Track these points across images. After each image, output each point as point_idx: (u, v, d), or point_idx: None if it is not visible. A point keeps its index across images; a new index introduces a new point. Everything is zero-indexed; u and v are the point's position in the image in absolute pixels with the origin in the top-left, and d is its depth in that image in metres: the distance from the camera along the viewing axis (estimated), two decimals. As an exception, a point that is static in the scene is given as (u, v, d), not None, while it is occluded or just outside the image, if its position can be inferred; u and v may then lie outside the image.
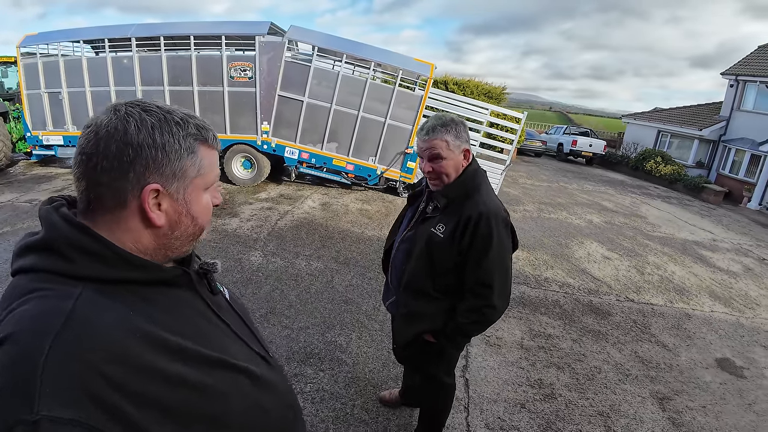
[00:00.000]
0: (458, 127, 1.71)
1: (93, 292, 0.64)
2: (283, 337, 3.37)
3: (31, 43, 7.66)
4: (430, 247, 1.74)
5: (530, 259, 5.77)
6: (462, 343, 1.92)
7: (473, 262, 1.68)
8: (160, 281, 0.73)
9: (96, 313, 0.62)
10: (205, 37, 7.21)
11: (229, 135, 7.64)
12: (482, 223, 1.64)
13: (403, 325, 1.94)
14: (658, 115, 19.44)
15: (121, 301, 0.66)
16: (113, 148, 0.67)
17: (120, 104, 0.71)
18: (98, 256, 0.67)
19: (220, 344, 0.77)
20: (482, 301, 1.70)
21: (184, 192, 0.75)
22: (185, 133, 0.74)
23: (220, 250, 4.96)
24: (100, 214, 0.70)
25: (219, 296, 0.88)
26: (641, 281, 5.50)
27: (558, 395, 3.06)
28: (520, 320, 4.07)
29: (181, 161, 0.73)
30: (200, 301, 0.80)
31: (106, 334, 0.61)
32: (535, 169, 14.79)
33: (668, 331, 4.28)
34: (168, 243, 0.76)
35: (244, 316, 0.93)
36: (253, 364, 0.80)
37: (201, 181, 0.77)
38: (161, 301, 0.72)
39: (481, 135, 8.58)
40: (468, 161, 1.77)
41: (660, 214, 10.02)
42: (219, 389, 0.70)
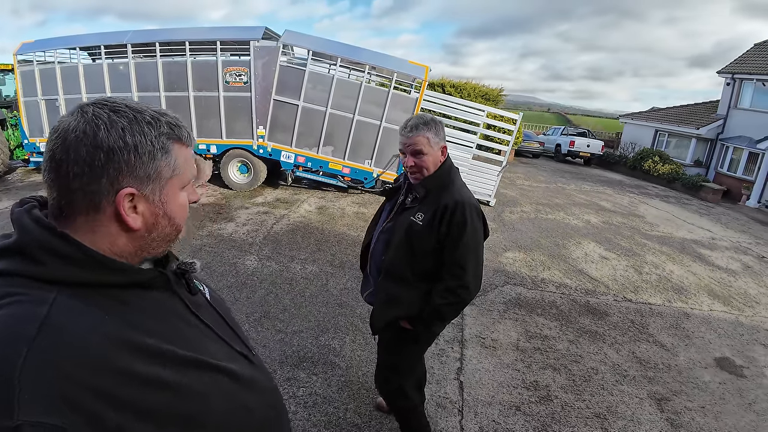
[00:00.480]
0: (437, 125, 1.88)
1: (67, 297, 0.63)
2: (277, 341, 3.34)
3: (28, 51, 7.68)
4: (410, 234, 1.87)
5: (527, 260, 5.75)
6: (436, 329, 2.02)
7: (450, 246, 1.82)
8: (135, 284, 0.72)
9: (71, 319, 0.61)
10: (200, 43, 7.23)
11: (225, 140, 7.63)
12: (458, 211, 1.80)
13: (380, 309, 2.01)
14: (655, 114, 19.46)
15: (97, 305, 0.65)
16: (83, 153, 0.65)
17: (87, 105, 0.69)
18: (71, 260, 0.65)
19: (198, 345, 0.76)
20: (457, 281, 1.83)
21: (160, 193, 0.73)
22: (157, 133, 0.72)
23: (215, 254, 4.94)
24: (74, 219, 0.69)
25: (198, 296, 0.87)
26: (639, 281, 5.47)
27: (554, 397, 3.03)
28: (516, 321, 4.04)
29: (155, 162, 0.71)
30: (178, 302, 0.79)
31: (81, 340, 0.60)
32: (533, 170, 14.78)
33: (666, 330, 4.25)
34: (145, 245, 0.75)
35: (225, 315, 0.91)
36: (233, 364, 0.79)
37: (177, 181, 0.76)
38: (137, 304, 0.71)
39: (478, 137, 8.57)
40: (444, 157, 1.93)
41: (658, 213, 9.99)
42: (198, 390, 0.69)
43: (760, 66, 14.74)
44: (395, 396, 2.17)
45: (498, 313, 4.17)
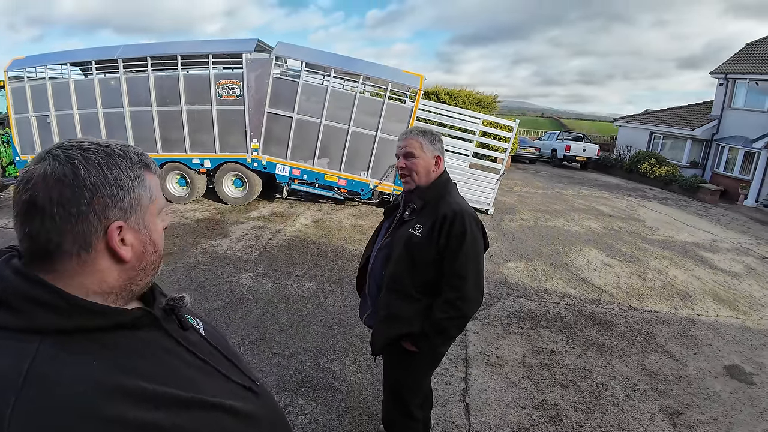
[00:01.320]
0: (433, 136, 1.90)
1: (50, 346, 0.62)
2: (274, 365, 3.22)
3: (19, 67, 7.61)
4: (410, 247, 1.84)
5: (529, 270, 5.65)
6: (440, 346, 1.93)
7: (450, 256, 1.79)
8: (120, 325, 0.70)
9: (56, 368, 0.60)
10: (192, 56, 7.16)
11: (219, 154, 7.55)
12: (457, 221, 1.77)
13: (381, 328, 1.95)
14: (649, 117, 19.52)
15: (82, 352, 0.64)
16: (68, 194, 0.65)
17: (54, 149, 0.69)
18: (53, 307, 0.64)
19: (194, 383, 0.73)
20: (456, 292, 1.78)
21: (143, 221, 0.75)
22: (130, 164, 0.73)
23: (210, 273, 4.82)
24: (60, 262, 0.68)
25: (191, 331, 0.84)
26: (643, 288, 5.37)
27: (564, 416, 2.91)
28: (521, 336, 3.93)
29: (135, 192, 0.73)
30: (169, 340, 0.76)
31: (68, 389, 0.59)
32: (530, 176, 14.74)
33: (674, 339, 4.14)
34: (134, 276, 0.75)
35: (222, 348, 0.88)
36: (233, 399, 0.77)
37: (154, 207, 0.78)
38: (125, 346, 0.69)
39: (474, 145, 8.50)
40: (440, 168, 1.92)
41: (657, 216, 9.94)
42: (195, 430, 0.67)
43: (752, 66, 14.82)
44: (401, 423, 2.07)
45: (502, 328, 4.06)
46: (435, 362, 2.08)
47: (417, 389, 2.05)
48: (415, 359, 1.92)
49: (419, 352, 1.88)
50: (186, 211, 7.40)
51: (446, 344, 1.96)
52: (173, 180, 7.88)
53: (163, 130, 7.49)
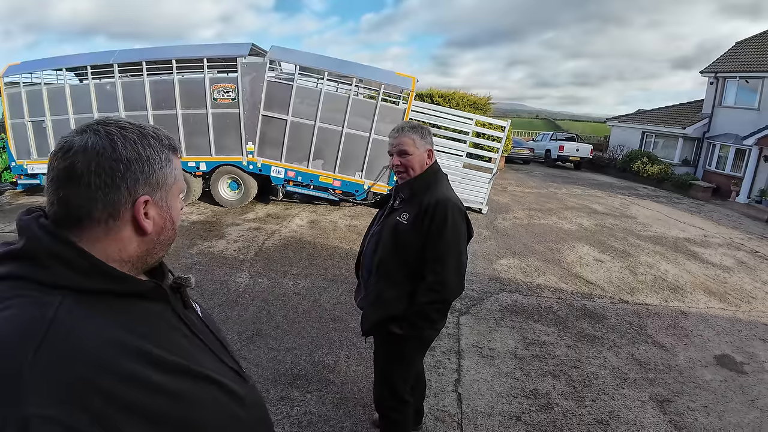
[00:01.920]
0: (423, 130, 1.97)
1: (72, 302, 0.66)
2: (270, 360, 3.26)
3: (14, 73, 7.65)
4: (396, 234, 1.91)
5: (522, 266, 5.71)
6: (424, 331, 1.95)
7: (431, 242, 1.85)
8: (136, 293, 0.75)
9: (78, 322, 0.64)
10: (187, 61, 7.22)
11: (214, 157, 7.59)
12: (439, 208, 1.84)
13: (368, 309, 2.04)
14: (641, 116, 19.69)
15: (100, 311, 0.68)
16: (106, 165, 0.71)
17: (95, 124, 0.74)
18: (77, 267, 0.69)
19: (194, 356, 0.78)
20: (436, 276, 1.84)
21: (166, 198, 0.81)
22: (161, 145, 0.79)
23: (206, 272, 4.86)
24: (88, 228, 0.72)
25: (191, 311, 0.89)
26: (635, 282, 5.45)
27: (555, 405, 2.97)
28: (513, 329, 3.99)
29: (163, 171, 0.79)
30: (173, 315, 0.81)
31: (87, 342, 0.63)
32: (524, 176, 14.84)
33: (665, 330, 4.21)
34: (152, 249, 0.80)
35: (216, 332, 0.94)
36: (225, 378, 0.81)
37: (177, 188, 0.84)
38: (137, 313, 0.74)
39: (468, 145, 8.58)
40: (431, 160, 1.99)
41: (650, 213, 10.03)
42: (196, 398, 0.72)
43: (742, 64, 15.00)
44: (390, 405, 2.12)
45: (495, 321, 4.12)
46: (423, 347, 2.14)
47: (406, 373, 2.10)
48: (403, 343, 1.98)
49: (406, 336, 1.94)
50: (182, 214, 7.39)
51: (432, 329, 1.99)
52: (169, 183, 7.89)
53: (158, 134, 7.51)
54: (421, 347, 2.11)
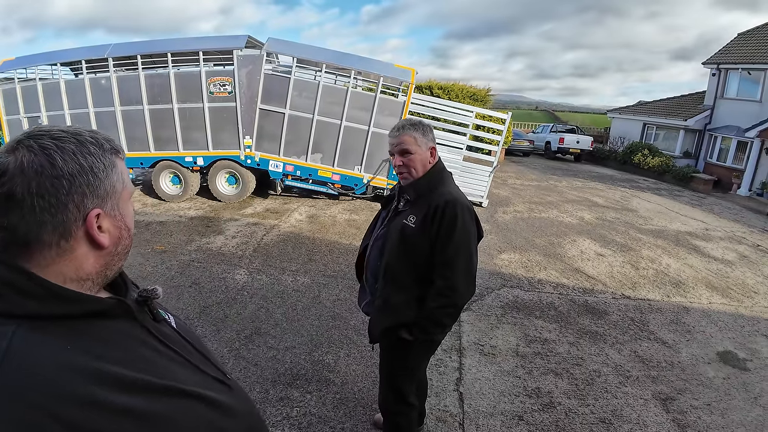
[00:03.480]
0: (425, 127, 1.88)
1: (27, 330, 0.63)
2: (269, 359, 3.22)
3: (9, 69, 7.54)
4: (404, 238, 1.84)
5: (522, 261, 5.67)
6: (434, 335, 1.92)
7: (440, 245, 1.78)
8: (95, 313, 0.71)
9: (32, 350, 0.61)
10: (183, 54, 7.11)
11: (211, 151, 7.51)
12: (448, 210, 1.76)
13: (377, 316, 1.98)
14: (642, 108, 19.57)
15: (57, 337, 0.65)
16: (47, 185, 0.66)
17: (25, 139, 0.68)
18: (30, 294, 0.65)
19: (167, 371, 0.74)
20: (446, 281, 1.78)
21: (118, 207, 0.76)
22: (102, 151, 0.74)
23: (204, 269, 4.81)
24: (38, 251, 0.68)
25: (163, 323, 0.85)
26: (636, 276, 5.41)
27: (557, 404, 2.93)
28: (514, 326, 3.95)
29: (109, 179, 0.74)
30: (142, 330, 0.77)
31: (43, 370, 0.60)
32: (524, 169, 14.77)
33: (667, 326, 4.18)
34: (110, 261, 0.76)
35: (193, 342, 0.90)
36: (206, 389, 0.78)
37: (127, 193, 0.78)
38: (100, 334, 0.70)
39: (468, 138, 8.50)
40: (435, 159, 1.92)
41: (651, 206, 9.98)
42: (168, 417, 0.68)
43: (744, 55, 14.86)
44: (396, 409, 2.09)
45: (496, 318, 4.08)
46: (430, 350, 2.10)
47: (412, 377, 2.06)
48: (410, 347, 1.93)
49: (414, 341, 1.89)
50: (180, 209, 7.37)
51: (441, 333, 1.96)
52: (166, 178, 7.83)
53: (155, 129, 7.44)
54: (428, 351, 2.07)
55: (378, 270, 1.96)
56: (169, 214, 7.06)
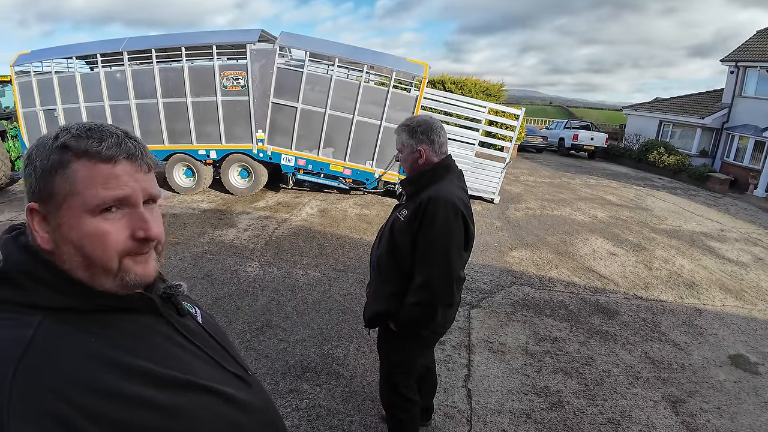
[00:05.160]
0: (415, 128, 1.88)
1: (52, 321, 0.64)
2: (279, 351, 3.27)
3: (25, 62, 7.65)
4: (393, 231, 1.89)
5: (534, 259, 5.65)
6: (419, 328, 1.90)
7: (420, 240, 1.79)
8: (118, 308, 0.72)
9: (56, 341, 0.62)
10: (197, 48, 7.16)
11: (224, 145, 7.57)
12: (430, 205, 1.76)
13: (369, 302, 2.06)
14: (659, 105, 19.24)
15: (82, 329, 0.66)
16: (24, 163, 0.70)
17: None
18: (53, 286, 0.66)
19: (188, 366, 0.75)
20: (422, 277, 1.78)
21: (59, 214, 0.66)
22: (56, 145, 0.66)
23: (217, 262, 4.87)
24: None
25: (188, 318, 0.86)
26: (649, 277, 5.35)
27: (566, 403, 2.93)
28: (524, 324, 3.95)
29: (47, 178, 0.66)
30: (166, 325, 0.78)
31: (68, 361, 0.61)
32: (537, 165, 14.65)
33: (679, 328, 4.14)
34: (86, 273, 0.68)
35: (217, 337, 0.90)
36: (225, 385, 0.79)
37: (78, 201, 0.66)
38: (124, 327, 0.71)
39: (480, 133, 8.44)
40: (424, 158, 1.89)
41: (666, 205, 9.85)
42: (187, 411, 0.69)
43: (763, 53, 14.51)
44: (393, 403, 2.11)
45: (505, 315, 4.08)
46: (424, 346, 2.11)
47: (408, 372, 2.08)
48: (401, 341, 1.98)
49: (401, 334, 1.94)
50: (193, 201, 7.46)
51: (429, 329, 1.93)
52: (180, 171, 7.93)
53: (169, 122, 7.52)
54: (422, 347, 2.07)
55: (373, 260, 2.05)
56: (183, 206, 7.15)
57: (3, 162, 7.82)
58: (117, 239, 0.68)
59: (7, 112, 8.90)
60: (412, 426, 2.15)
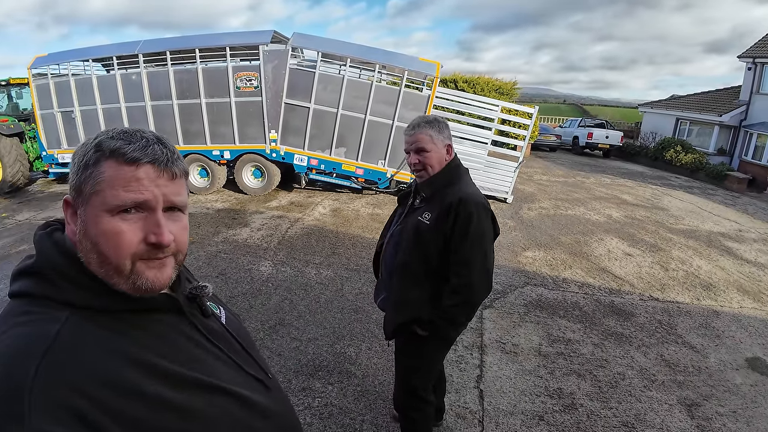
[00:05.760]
0: (440, 124, 1.88)
1: (79, 318, 0.66)
2: (292, 350, 3.30)
3: (42, 65, 7.83)
4: (418, 235, 1.85)
5: (547, 259, 5.60)
6: (449, 332, 1.93)
7: (455, 243, 1.78)
8: (144, 308, 0.73)
9: (81, 337, 0.64)
10: (210, 50, 7.24)
11: (238, 145, 7.66)
12: (462, 207, 1.75)
13: (391, 312, 1.98)
14: (675, 102, 18.89)
15: (106, 327, 0.68)
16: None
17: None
18: (82, 285, 0.69)
19: (209, 368, 0.76)
20: (462, 279, 1.78)
21: (84, 209, 0.70)
22: (93, 145, 0.71)
23: (230, 261, 4.94)
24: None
25: (212, 319, 0.87)
26: (666, 278, 5.27)
27: (579, 405, 2.91)
28: (537, 325, 3.93)
29: (80, 174, 0.70)
30: (189, 326, 0.79)
31: (90, 356, 0.63)
32: (551, 164, 14.51)
33: (695, 330, 4.07)
34: (101, 270, 0.70)
35: (240, 338, 0.91)
36: (245, 388, 0.79)
37: (98, 201, 0.69)
38: (148, 326, 0.73)
39: (493, 132, 8.39)
40: (451, 156, 1.91)
41: (682, 205, 9.68)
42: (204, 412, 0.70)
43: (784, 49, 14.16)
44: (409, 405, 2.10)
45: (518, 316, 4.06)
46: (445, 348, 2.11)
47: (428, 374, 2.07)
48: (425, 344, 1.94)
49: (429, 337, 1.90)
50: (207, 201, 7.56)
51: (456, 330, 1.97)
52: (194, 171, 8.05)
53: (183, 123, 7.64)
54: (443, 348, 2.07)
55: (393, 267, 1.97)
56: (197, 206, 7.25)
57: (21, 163, 8.01)
58: (130, 241, 0.69)
59: (25, 113, 9.11)
60: (425, 426, 2.15)
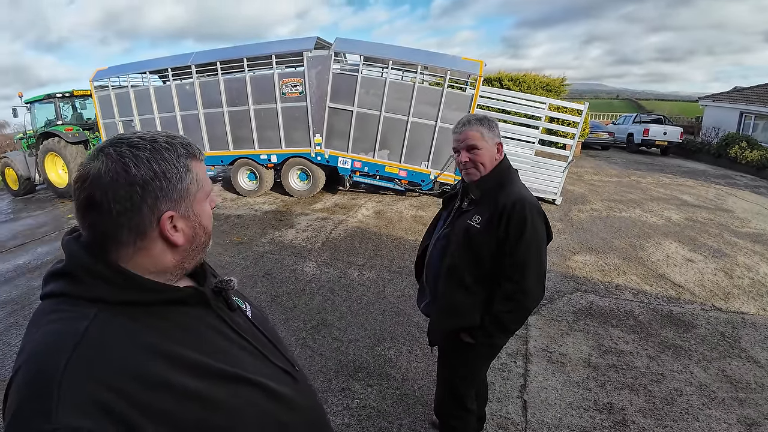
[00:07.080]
0: (490, 122, 1.83)
1: (108, 314, 0.69)
2: (333, 350, 3.35)
3: (102, 77, 8.48)
4: (468, 239, 1.78)
5: (599, 264, 5.34)
6: (499, 340, 1.86)
7: (509, 248, 1.71)
8: (173, 301, 0.77)
9: (109, 332, 0.67)
10: (257, 58, 7.51)
11: (284, 149, 7.89)
12: (516, 211, 1.69)
13: (439, 319, 1.93)
14: (739, 95, 17.43)
15: (135, 321, 0.71)
16: (122, 191, 0.71)
17: (105, 147, 0.74)
18: (113, 282, 0.72)
19: (236, 359, 0.79)
20: (516, 285, 1.72)
21: (192, 208, 0.80)
22: (177, 156, 0.78)
23: (276, 261, 5.08)
24: (118, 248, 0.75)
25: (237, 312, 0.90)
26: (730, 286, 4.88)
27: (631, 422, 2.74)
28: (587, 334, 3.75)
29: (182, 182, 0.78)
30: (216, 318, 0.83)
31: (118, 351, 0.66)
32: (603, 163, 13.84)
33: (761, 344, 3.73)
34: (187, 256, 0.82)
35: (266, 331, 0.94)
36: (271, 380, 0.81)
37: (202, 194, 0.83)
38: (176, 319, 0.76)
39: (540, 131, 8.11)
40: (501, 155, 1.86)
41: (749, 206, 8.92)
42: (231, 403, 0.72)
43: None
44: (450, 412, 2.07)
45: (567, 324, 3.89)
46: (492, 355, 2.04)
47: (472, 381, 2.03)
48: (471, 351, 1.89)
49: (476, 345, 1.85)
50: (255, 203, 7.84)
51: (506, 338, 1.90)
52: (244, 175, 8.40)
53: (233, 129, 8.00)
54: (490, 355, 2.00)
55: (440, 271, 1.90)
56: (246, 207, 7.53)
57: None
58: (211, 214, 0.88)
59: (88, 123, 9.85)
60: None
